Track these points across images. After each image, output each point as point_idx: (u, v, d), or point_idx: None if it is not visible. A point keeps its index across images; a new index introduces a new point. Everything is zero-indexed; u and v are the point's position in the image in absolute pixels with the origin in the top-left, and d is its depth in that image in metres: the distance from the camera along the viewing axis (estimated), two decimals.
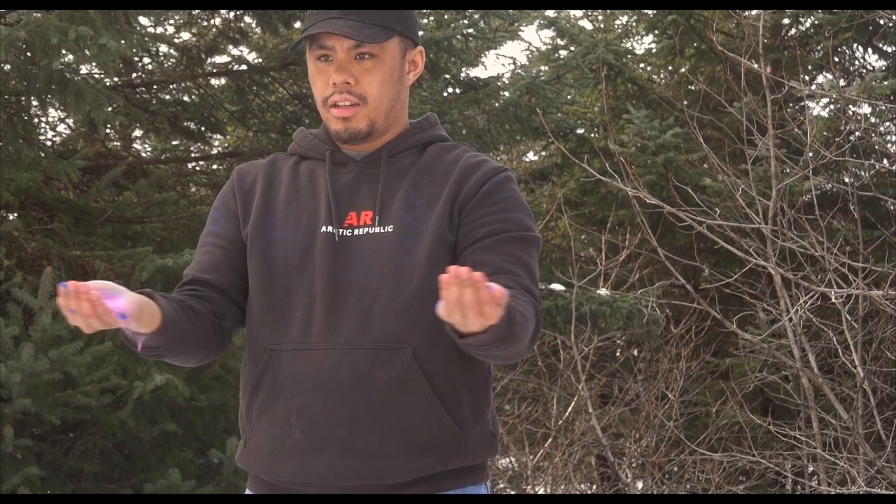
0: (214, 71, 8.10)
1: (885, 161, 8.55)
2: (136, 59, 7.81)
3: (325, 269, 2.29)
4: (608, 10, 11.06)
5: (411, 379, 2.24)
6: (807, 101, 8.78)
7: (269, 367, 2.32)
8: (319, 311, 2.28)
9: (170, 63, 8.00)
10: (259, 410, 2.34)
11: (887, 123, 9.66)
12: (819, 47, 9.80)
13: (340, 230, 2.30)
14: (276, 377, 2.31)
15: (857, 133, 8.24)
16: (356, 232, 2.29)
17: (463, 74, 9.06)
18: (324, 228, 2.30)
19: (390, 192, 2.32)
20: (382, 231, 2.29)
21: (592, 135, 10.12)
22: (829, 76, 9.40)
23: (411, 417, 2.26)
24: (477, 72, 9.82)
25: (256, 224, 2.36)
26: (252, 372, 2.35)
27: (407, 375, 2.24)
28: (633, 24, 10.93)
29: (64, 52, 5.85)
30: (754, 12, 9.16)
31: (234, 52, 8.20)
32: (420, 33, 2.55)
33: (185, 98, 7.98)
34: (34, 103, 6.47)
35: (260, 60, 8.06)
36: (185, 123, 7.99)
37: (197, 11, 7.91)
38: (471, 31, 8.15)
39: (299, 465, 2.28)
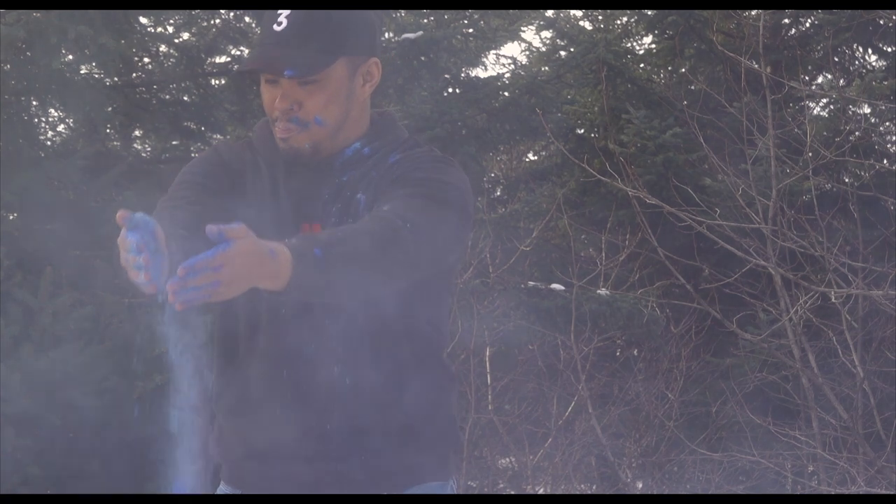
0: (214, 71, 8.11)
1: (885, 161, 8.55)
2: (136, 59, 7.81)
3: None
4: (608, 10, 11.05)
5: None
6: (807, 101, 8.78)
7: (231, 383, 2.41)
8: (285, 324, 2.33)
9: (170, 63, 8.00)
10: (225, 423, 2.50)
11: (887, 123, 9.66)
12: (819, 47, 9.80)
13: None
14: (244, 394, 2.41)
15: (857, 133, 8.24)
16: None
17: (463, 74, 9.06)
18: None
19: (333, 206, 2.34)
20: None
21: (592, 135, 10.12)
22: (829, 76, 9.40)
23: None
24: (477, 72, 9.79)
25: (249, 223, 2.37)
26: (216, 382, 2.46)
27: (365, 385, 2.34)
28: (633, 24, 10.92)
29: (64, 51, 5.85)
30: (754, 12, 9.16)
31: (234, 52, 8.20)
32: (390, 37, 2.52)
33: (185, 98, 7.98)
34: (34, 103, 6.47)
35: None
36: (185, 123, 7.99)
37: (197, 11, 7.91)
38: (471, 31, 8.16)
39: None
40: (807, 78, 9.80)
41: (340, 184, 2.34)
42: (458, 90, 8.85)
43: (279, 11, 2.27)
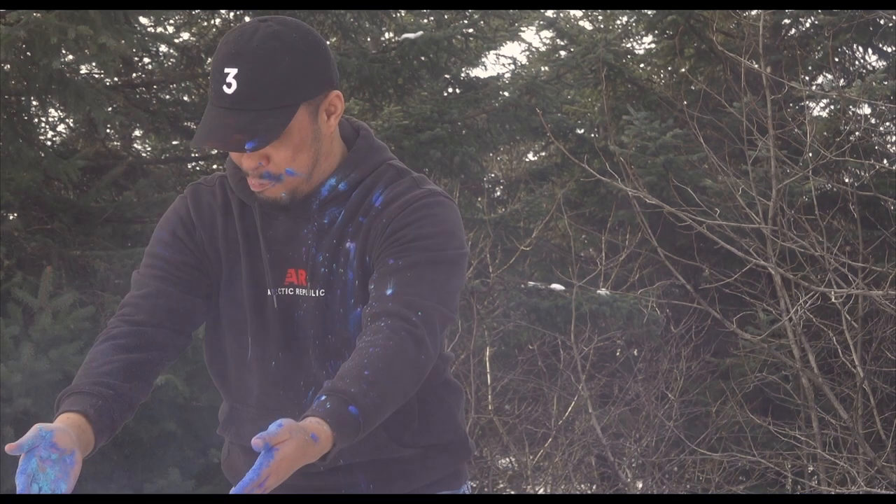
0: None
1: (885, 161, 8.55)
2: (136, 59, 7.81)
3: (278, 333, 2.29)
4: (608, 10, 11.06)
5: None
6: (807, 102, 8.78)
7: (232, 422, 2.41)
8: (277, 377, 2.31)
9: (170, 63, 8.00)
10: (235, 453, 2.46)
11: (887, 123, 9.66)
12: (819, 47, 9.80)
13: (283, 290, 2.29)
14: (239, 434, 2.39)
15: (857, 133, 8.24)
16: (297, 291, 2.28)
17: (463, 74, 9.07)
18: (269, 292, 2.29)
19: (318, 252, 2.27)
20: (315, 295, 2.27)
21: (592, 135, 10.12)
22: (829, 76, 9.40)
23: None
24: (477, 72, 9.84)
25: (227, 276, 2.32)
26: (222, 410, 2.45)
27: (367, 436, 2.29)
28: (633, 24, 10.93)
29: (64, 51, 5.85)
30: (754, 12, 9.16)
31: None
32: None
33: (185, 98, 7.98)
34: (34, 103, 6.47)
35: None
36: (185, 123, 7.99)
37: (197, 11, 7.92)
38: (471, 31, 8.15)
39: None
40: (807, 78, 9.80)
41: (322, 227, 2.27)
42: (458, 90, 8.85)
43: (226, 70, 2.15)
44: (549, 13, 10.42)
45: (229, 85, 2.15)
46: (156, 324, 2.28)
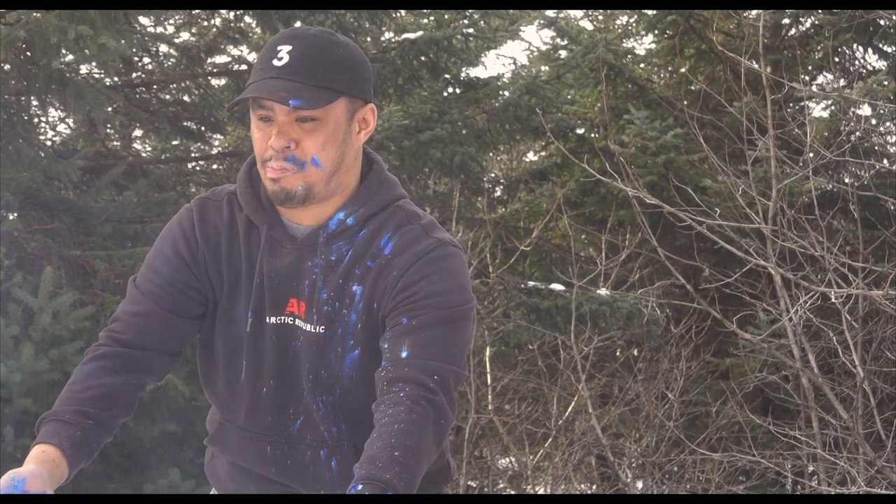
0: (214, 71, 8.11)
1: (885, 161, 8.55)
2: (136, 59, 7.82)
3: (272, 361, 2.29)
4: (608, 10, 11.06)
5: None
6: (807, 102, 8.78)
7: (219, 438, 2.44)
8: (267, 402, 2.32)
9: (170, 63, 8.01)
10: (219, 462, 2.50)
11: (887, 124, 9.66)
12: (819, 47, 9.80)
13: (282, 318, 2.28)
14: (226, 449, 2.43)
15: (857, 133, 8.24)
16: (297, 322, 2.27)
17: (463, 74, 9.07)
18: (268, 319, 2.28)
19: (322, 288, 2.26)
20: (314, 331, 2.26)
21: (592, 135, 10.12)
22: (830, 76, 9.40)
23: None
24: (477, 72, 9.83)
25: (226, 297, 2.31)
26: (211, 421, 2.49)
27: (350, 468, 2.30)
28: (633, 24, 10.93)
29: (64, 51, 5.85)
30: (754, 12, 9.16)
31: (234, 52, 8.21)
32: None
33: (185, 98, 7.99)
34: (34, 103, 6.47)
35: None
36: (185, 123, 8.00)
37: (197, 11, 7.92)
38: (471, 31, 8.16)
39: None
40: (807, 78, 9.80)
41: (329, 263, 2.25)
42: (458, 90, 8.85)
43: (278, 47, 2.18)
44: (550, 13, 10.43)
45: (280, 59, 2.19)
46: (143, 346, 2.28)
